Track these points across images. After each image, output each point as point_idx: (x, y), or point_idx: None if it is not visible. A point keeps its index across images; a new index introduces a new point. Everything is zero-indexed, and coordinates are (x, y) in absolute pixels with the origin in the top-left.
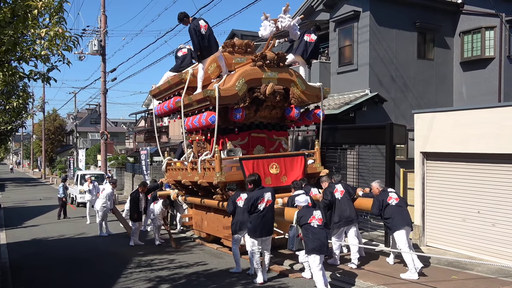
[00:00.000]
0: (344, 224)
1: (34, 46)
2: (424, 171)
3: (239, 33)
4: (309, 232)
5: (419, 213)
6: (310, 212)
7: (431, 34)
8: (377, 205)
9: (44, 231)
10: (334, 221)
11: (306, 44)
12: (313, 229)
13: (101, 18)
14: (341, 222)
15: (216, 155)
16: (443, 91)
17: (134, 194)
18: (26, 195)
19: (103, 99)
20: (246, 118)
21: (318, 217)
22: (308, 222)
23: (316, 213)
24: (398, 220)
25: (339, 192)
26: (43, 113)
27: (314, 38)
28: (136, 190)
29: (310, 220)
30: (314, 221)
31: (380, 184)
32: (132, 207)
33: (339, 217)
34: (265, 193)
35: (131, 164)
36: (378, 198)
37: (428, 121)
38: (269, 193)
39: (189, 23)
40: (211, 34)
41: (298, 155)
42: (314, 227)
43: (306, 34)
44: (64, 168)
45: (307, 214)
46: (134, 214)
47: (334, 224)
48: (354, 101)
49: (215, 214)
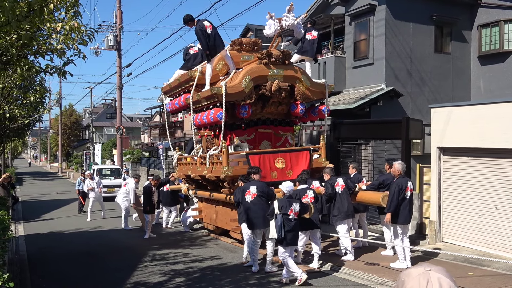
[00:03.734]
0: (343, 218)
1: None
2: (440, 166)
3: (254, 27)
4: (286, 224)
5: (436, 208)
6: (290, 204)
7: (448, 28)
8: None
9: (60, 225)
10: (333, 214)
11: (310, 43)
12: (289, 222)
13: (117, 13)
14: (340, 216)
15: (223, 150)
16: (460, 85)
17: (147, 187)
18: (43, 189)
19: (118, 94)
20: (253, 114)
21: (295, 210)
22: (287, 213)
23: (294, 206)
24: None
25: (339, 186)
26: (59, 108)
27: (316, 34)
28: (149, 183)
29: (289, 211)
30: (292, 214)
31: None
32: (144, 200)
33: (338, 211)
34: (251, 186)
35: (146, 159)
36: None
37: (445, 115)
38: (254, 186)
39: (194, 26)
40: (216, 34)
41: (303, 150)
42: (290, 220)
43: (307, 33)
44: (81, 163)
45: (287, 206)
46: (147, 206)
47: (333, 217)
48: (369, 96)
49: (223, 207)
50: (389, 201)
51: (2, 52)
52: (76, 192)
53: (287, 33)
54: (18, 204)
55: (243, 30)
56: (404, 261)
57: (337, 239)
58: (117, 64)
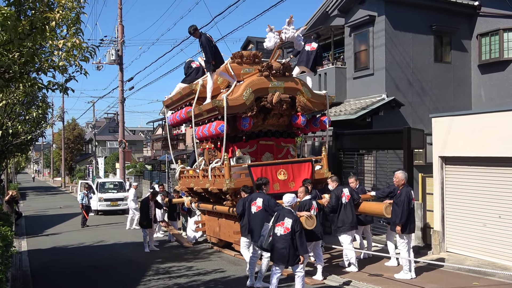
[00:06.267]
0: (347, 229)
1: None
2: (443, 175)
3: (254, 40)
4: (273, 238)
5: (439, 218)
6: (282, 217)
7: (447, 37)
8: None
9: (64, 239)
10: (338, 225)
11: (307, 54)
12: (275, 236)
13: (118, 28)
14: (344, 227)
15: (225, 163)
16: (461, 94)
17: (144, 201)
18: (46, 204)
19: (121, 108)
20: (254, 126)
21: (286, 225)
22: (275, 226)
23: (286, 221)
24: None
25: (345, 197)
26: (62, 122)
27: (315, 46)
28: (146, 197)
29: (277, 224)
30: (279, 228)
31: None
32: (141, 214)
33: (342, 222)
34: (258, 198)
35: (149, 172)
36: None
37: (446, 125)
38: (261, 200)
39: (200, 36)
40: (217, 47)
41: (305, 161)
42: (275, 234)
43: (307, 44)
44: (84, 177)
45: (279, 218)
46: (144, 221)
47: (338, 228)
48: (370, 106)
49: (226, 219)
50: (400, 212)
51: (5, 70)
52: (79, 206)
53: (287, 45)
54: (21, 219)
55: (244, 42)
56: (409, 272)
57: (340, 251)
58: (119, 78)
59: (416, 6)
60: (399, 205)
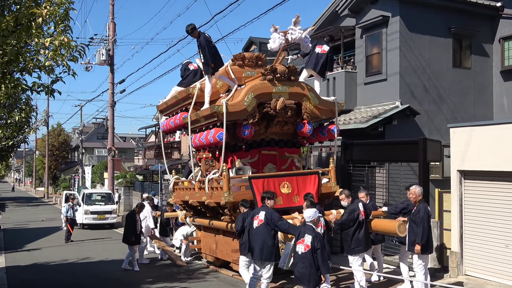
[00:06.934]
0: (363, 250)
1: (38, 56)
2: (461, 191)
3: (257, 40)
4: (294, 256)
5: (457, 238)
6: (303, 234)
7: (467, 41)
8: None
9: (46, 255)
10: (351, 246)
11: (317, 56)
12: (296, 255)
13: (110, 26)
14: (360, 248)
15: (224, 174)
16: (481, 102)
17: (131, 215)
18: (27, 216)
19: (110, 112)
20: (256, 135)
21: (306, 242)
22: (296, 243)
23: (307, 238)
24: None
25: (361, 214)
26: (47, 127)
27: (327, 49)
28: (132, 211)
29: (298, 242)
30: (300, 246)
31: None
32: (128, 229)
33: (357, 242)
34: (261, 211)
35: (140, 183)
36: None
37: (466, 135)
38: (264, 213)
39: (198, 35)
40: (216, 48)
41: (311, 174)
42: (297, 253)
43: (318, 46)
44: (69, 187)
45: (300, 235)
46: (132, 237)
47: (351, 249)
48: (383, 114)
49: (224, 236)
50: (421, 231)
51: None
52: (63, 219)
53: (293, 47)
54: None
55: (246, 43)
56: None
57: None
58: (110, 80)
59: (433, 6)
60: (418, 223)
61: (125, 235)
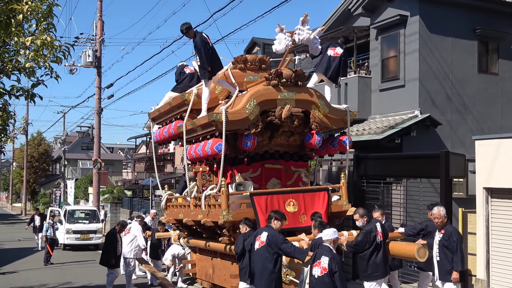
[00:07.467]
0: (380, 277)
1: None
2: (488, 211)
3: (261, 42)
4: (310, 281)
5: (483, 263)
6: (319, 256)
7: (494, 43)
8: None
9: (22, 279)
10: (368, 271)
11: (329, 60)
12: (312, 279)
13: (97, 24)
14: (378, 274)
15: (222, 190)
16: (510, 112)
17: (111, 234)
18: (2, 235)
19: (97, 120)
20: (259, 146)
21: (323, 265)
22: (312, 266)
23: (323, 260)
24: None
25: (379, 235)
26: (25, 136)
27: (340, 51)
28: (113, 229)
29: (314, 265)
30: (316, 269)
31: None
32: (107, 251)
33: (375, 267)
34: (263, 231)
35: (129, 199)
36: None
37: (493, 149)
38: (266, 233)
39: (194, 36)
40: (214, 49)
41: (320, 190)
42: (313, 276)
43: (330, 48)
44: (49, 203)
45: (316, 257)
46: (111, 259)
47: (368, 275)
48: (400, 124)
49: (222, 260)
50: (459, 257)
51: None
52: (43, 239)
53: (300, 49)
54: None
55: (248, 44)
56: None
57: None
58: (96, 84)
59: (457, 5)
60: (453, 249)
61: (103, 257)
